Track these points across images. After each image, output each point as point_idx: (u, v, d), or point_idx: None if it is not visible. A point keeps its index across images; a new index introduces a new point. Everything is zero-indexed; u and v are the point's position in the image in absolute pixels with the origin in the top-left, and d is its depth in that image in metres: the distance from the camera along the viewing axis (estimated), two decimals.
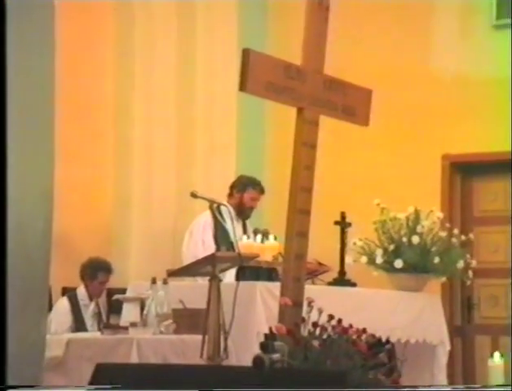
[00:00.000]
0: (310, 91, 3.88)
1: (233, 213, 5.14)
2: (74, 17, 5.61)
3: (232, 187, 5.24)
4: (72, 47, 5.52)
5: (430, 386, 4.42)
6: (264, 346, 2.91)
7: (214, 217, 4.98)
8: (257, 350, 3.11)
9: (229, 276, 4.42)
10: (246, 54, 3.65)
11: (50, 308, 5.13)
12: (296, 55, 3.90)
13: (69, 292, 5.41)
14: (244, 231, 5.13)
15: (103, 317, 5.22)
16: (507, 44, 5.87)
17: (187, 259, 4.79)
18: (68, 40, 5.32)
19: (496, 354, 3.74)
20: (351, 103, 4.11)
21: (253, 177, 5.30)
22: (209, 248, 4.88)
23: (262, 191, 5.24)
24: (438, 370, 4.98)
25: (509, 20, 5.88)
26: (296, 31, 3.99)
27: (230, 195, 5.23)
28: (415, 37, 6.10)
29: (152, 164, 5.89)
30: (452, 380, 5.55)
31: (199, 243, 5.02)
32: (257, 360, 2.78)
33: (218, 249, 4.83)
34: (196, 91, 6.00)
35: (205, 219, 5.08)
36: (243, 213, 5.22)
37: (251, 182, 5.23)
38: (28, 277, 2.97)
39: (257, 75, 3.67)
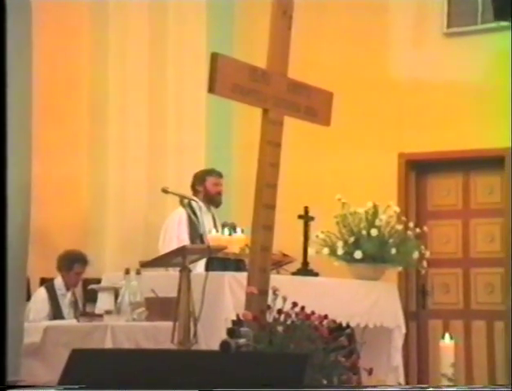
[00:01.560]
0: (274, 93, 3.88)
1: (203, 207, 5.13)
2: (50, 17, 5.55)
3: (193, 185, 5.21)
4: (47, 46, 5.45)
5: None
6: (231, 332, 2.91)
7: (188, 212, 4.95)
8: (225, 336, 3.12)
9: (200, 267, 4.41)
10: (214, 58, 3.64)
11: (28, 297, 5.09)
12: (261, 58, 3.91)
13: (47, 283, 5.36)
14: (214, 224, 5.11)
15: (80, 305, 5.18)
16: (457, 51, 5.94)
17: None
18: (45, 40, 5.26)
19: (447, 336, 3.79)
20: (314, 105, 4.12)
21: (206, 168, 5.27)
22: (183, 243, 4.82)
23: (219, 175, 5.22)
24: (394, 351, 5.03)
25: (459, 29, 5.97)
26: (262, 35, 4.00)
27: (194, 193, 5.19)
28: (372, 44, 6.14)
29: (125, 161, 5.85)
30: (407, 360, 5.61)
31: (174, 239, 4.97)
32: (224, 344, 2.78)
33: (192, 244, 4.79)
34: (167, 92, 5.98)
35: (180, 215, 5.03)
36: (213, 201, 5.19)
37: (206, 171, 5.23)
38: (7, 268, 2.94)
39: (224, 78, 3.66)
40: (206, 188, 5.17)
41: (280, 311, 3.60)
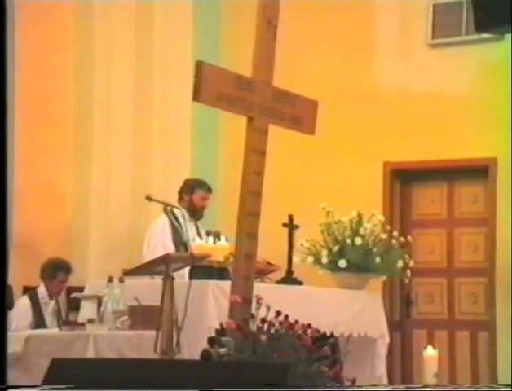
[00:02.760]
0: (259, 102, 3.88)
1: (186, 215, 5.11)
2: (34, 22, 5.53)
3: (181, 192, 5.20)
4: (32, 54, 5.43)
5: (374, 386, 4.44)
6: (211, 341, 2.88)
7: (170, 219, 4.92)
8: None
9: (185, 275, 4.38)
10: (199, 66, 3.64)
11: (11, 306, 5.04)
12: (249, 64, 3.90)
13: (30, 291, 5.30)
14: (198, 233, 5.09)
15: (63, 314, 5.12)
16: (441, 61, 5.97)
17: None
18: (29, 47, 5.24)
19: (430, 347, 3.79)
20: (299, 114, 4.12)
21: (198, 178, 5.27)
22: (168, 249, 4.81)
23: (209, 190, 5.20)
24: (378, 361, 5.01)
25: (444, 40, 6.00)
26: (249, 41, 3.99)
27: (180, 199, 5.18)
28: (358, 54, 6.16)
29: (110, 168, 5.82)
30: (391, 369, 5.60)
31: (158, 246, 4.94)
32: (204, 354, 2.75)
33: (176, 251, 4.77)
34: (152, 100, 5.96)
35: (163, 222, 5.01)
36: (195, 213, 5.18)
37: (197, 183, 5.20)
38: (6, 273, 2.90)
39: (209, 86, 3.66)
40: (192, 200, 5.15)
41: (263, 320, 3.58)
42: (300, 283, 4.90)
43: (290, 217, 4.98)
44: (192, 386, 2.65)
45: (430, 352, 3.76)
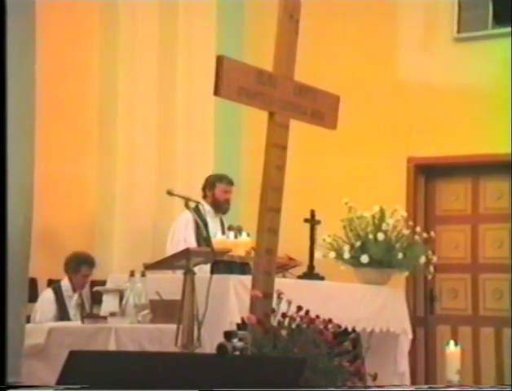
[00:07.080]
0: (280, 96, 3.84)
1: (211, 211, 5.11)
2: (59, 17, 5.56)
3: (204, 189, 5.20)
4: (57, 46, 5.45)
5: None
6: (228, 335, 2.85)
7: (194, 215, 4.91)
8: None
9: (207, 269, 4.35)
10: (220, 60, 3.61)
11: (36, 299, 5.07)
12: (271, 60, 3.86)
13: (54, 284, 5.34)
14: (222, 228, 5.07)
15: (87, 307, 5.14)
16: (467, 56, 5.87)
17: None
18: (53, 39, 5.26)
19: (451, 343, 3.73)
20: (320, 108, 4.07)
21: (218, 173, 5.23)
22: (190, 245, 4.80)
23: (230, 182, 5.17)
24: (401, 357, 4.97)
25: (469, 34, 5.90)
26: (272, 37, 3.94)
27: (204, 196, 5.18)
28: (382, 48, 6.08)
29: (134, 163, 5.82)
30: (414, 366, 5.53)
31: (181, 241, 4.94)
32: (220, 348, 2.72)
33: (199, 246, 4.75)
34: (176, 95, 5.95)
35: (187, 217, 5.00)
36: (220, 207, 5.16)
37: (217, 177, 5.19)
38: (8, 270, 2.90)
39: (230, 80, 3.62)
40: (215, 194, 5.13)
41: (284, 315, 3.55)
42: (322, 278, 4.86)
43: (312, 213, 4.93)
44: (211, 380, 2.62)
45: (452, 348, 3.70)
